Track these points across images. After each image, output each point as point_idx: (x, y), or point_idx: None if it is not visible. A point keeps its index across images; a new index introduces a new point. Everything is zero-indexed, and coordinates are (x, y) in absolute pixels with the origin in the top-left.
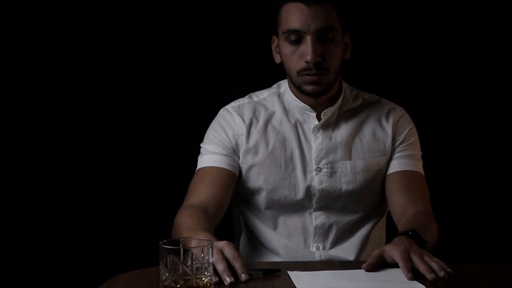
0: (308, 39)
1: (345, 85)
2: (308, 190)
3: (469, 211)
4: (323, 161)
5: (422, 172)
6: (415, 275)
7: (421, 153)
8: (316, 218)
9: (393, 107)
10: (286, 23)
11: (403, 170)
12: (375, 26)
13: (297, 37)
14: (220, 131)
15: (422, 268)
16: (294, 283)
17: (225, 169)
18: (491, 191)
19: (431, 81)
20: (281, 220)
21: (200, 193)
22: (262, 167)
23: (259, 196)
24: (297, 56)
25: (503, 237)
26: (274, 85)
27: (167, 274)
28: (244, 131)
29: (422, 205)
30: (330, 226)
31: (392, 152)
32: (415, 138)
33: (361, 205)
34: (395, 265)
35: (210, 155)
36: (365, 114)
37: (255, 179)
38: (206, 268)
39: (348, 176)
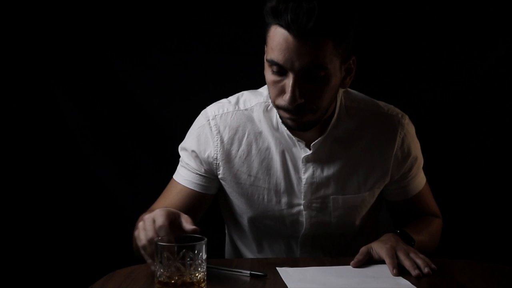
0: (291, 77)
1: (340, 100)
2: (295, 225)
3: (458, 209)
4: (313, 196)
5: (425, 179)
6: (400, 271)
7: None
8: (303, 247)
9: (394, 124)
10: (270, 50)
11: (412, 196)
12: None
13: (279, 69)
14: (197, 145)
15: (407, 264)
16: (283, 278)
17: (194, 191)
18: (479, 189)
19: (430, 83)
20: (266, 244)
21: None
22: (243, 197)
23: (243, 220)
24: (278, 89)
25: (489, 234)
26: (265, 92)
27: (161, 270)
28: (223, 157)
29: (432, 214)
30: (317, 253)
31: (395, 181)
32: (419, 159)
33: (350, 230)
34: (381, 262)
35: (184, 169)
36: (362, 136)
37: (237, 206)
38: (199, 264)
39: (339, 211)
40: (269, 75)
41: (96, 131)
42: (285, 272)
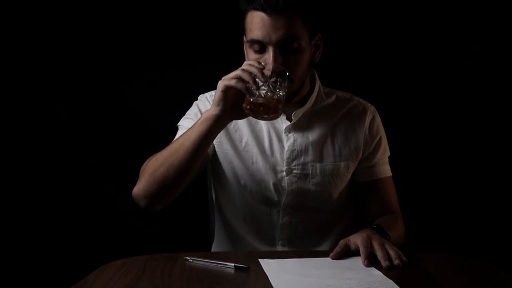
0: (270, 50)
1: (318, 83)
2: (278, 190)
3: (432, 204)
4: (294, 163)
5: (390, 173)
6: (373, 262)
7: (389, 154)
8: (283, 217)
9: (365, 107)
10: (250, 32)
11: (375, 179)
12: (342, 23)
13: (259, 47)
14: (199, 110)
15: (379, 254)
16: (264, 269)
17: None
18: (453, 185)
19: (402, 79)
20: (250, 214)
21: None
22: (234, 161)
23: (232, 186)
24: None
25: (464, 229)
26: None
27: (254, 90)
28: None
29: (392, 209)
30: (297, 224)
31: (363, 159)
32: (384, 142)
33: (328, 205)
34: (358, 253)
35: (186, 130)
36: (338, 113)
37: (228, 171)
38: (283, 87)
39: (317, 178)
40: (251, 55)
41: (92, 133)
42: (266, 264)
